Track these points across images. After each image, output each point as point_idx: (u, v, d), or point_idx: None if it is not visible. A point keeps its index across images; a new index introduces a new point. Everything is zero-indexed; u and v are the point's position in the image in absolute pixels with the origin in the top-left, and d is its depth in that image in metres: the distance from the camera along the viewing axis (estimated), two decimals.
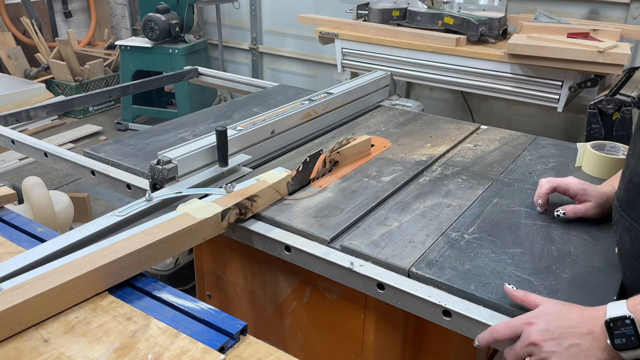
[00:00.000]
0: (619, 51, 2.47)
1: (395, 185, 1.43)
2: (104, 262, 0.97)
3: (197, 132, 1.78)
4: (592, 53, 2.46)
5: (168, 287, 1.02)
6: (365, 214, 1.29)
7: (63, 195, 2.23)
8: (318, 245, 1.18)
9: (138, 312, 0.94)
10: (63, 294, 0.92)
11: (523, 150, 1.67)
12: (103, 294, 0.98)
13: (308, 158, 1.39)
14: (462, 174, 1.50)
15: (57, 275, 0.93)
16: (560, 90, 2.72)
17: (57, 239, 1.12)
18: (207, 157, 1.45)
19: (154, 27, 4.37)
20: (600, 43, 2.54)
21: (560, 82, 2.70)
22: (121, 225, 1.21)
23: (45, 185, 2.00)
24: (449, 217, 1.28)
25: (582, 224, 1.25)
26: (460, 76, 2.96)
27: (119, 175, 1.51)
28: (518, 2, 3.48)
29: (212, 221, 1.17)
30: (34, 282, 0.91)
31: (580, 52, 2.48)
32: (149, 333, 0.89)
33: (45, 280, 0.91)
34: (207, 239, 1.18)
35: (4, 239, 1.15)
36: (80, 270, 0.94)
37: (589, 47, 2.48)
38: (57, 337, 0.87)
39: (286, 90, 2.26)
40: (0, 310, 0.84)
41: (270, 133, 1.62)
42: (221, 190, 1.27)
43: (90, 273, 0.95)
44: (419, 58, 3.04)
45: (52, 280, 0.91)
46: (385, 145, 1.68)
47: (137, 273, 1.03)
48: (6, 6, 5.15)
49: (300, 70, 4.82)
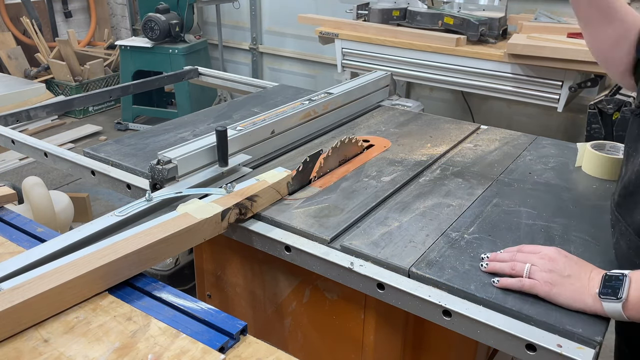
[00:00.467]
0: None
1: (395, 185, 1.42)
2: (104, 262, 0.97)
3: (197, 132, 1.78)
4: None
5: (168, 287, 1.02)
6: (365, 214, 1.29)
7: (63, 195, 2.23)
8: (318, 245, 1.18)
9: (138, 312, 0.94)
10: (63, 294, 0.92)
11: (523, 150, 1.67)
12: (103, 294, 0.98)
13: (308, 158, 1.39)
14: (462, 174, 1.50)
15: (56, 275, 0.93)
16: (560, 90, 2.72)
17: (56, 239, 1.11)
18: (207, 157, 1.45)
19: (154, 27, 4.37)
20: None
21: (560, 82, 2.71)
22: (121, 225, 1.21)
23: (45, 185, 2.00)
24: (449, 217, 1.28)
25: (582, 224, 1.25)
26: (461, 76, 2.96)
27: (119, 175, 1.51)
28: (518, 2, 3.48)
29: (212, 221, 1.17)
30: (33, 282, 0.91)
31: (580, 52, 2.48)
32: (149, 333, 0.89)
33: (45, 280, 0.91)
34: (207, 239, 1.18)
35: (4, 239, 1.15)
36: (80, 270, 0.94)
37: None
38: (57, 337, 0.87)
39: (286, 90, 2.26)
40: (0, 310, 0.84)
41: (270, 133, 1.62)
42: (221, 190, 1.27)
43: (90, 273, 0.95)
44: (419, 58, 3.04)
45: (52, 280, 0.91)
46: (385, 145, 1.68)
47: (137, 273, 1.03)
48: (6, 6, 5.15)
49: (300, 70, 4.82)
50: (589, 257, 1.11)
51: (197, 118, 1.94)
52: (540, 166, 1.56)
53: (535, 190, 1.42)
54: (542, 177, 1.50)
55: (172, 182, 1.37)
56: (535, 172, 1.52)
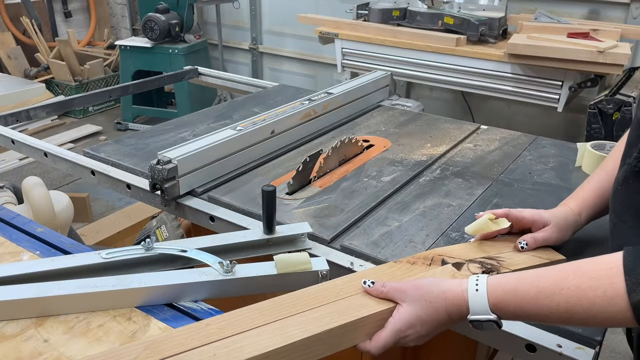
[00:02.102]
0: (619, 51, 2.47)
1: (395, 185, 1.42)
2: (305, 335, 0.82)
3: (197, 132, 1.78)
4: (592, 53, 2.46)
5: None
6: (365, 214, 1.29)
7: (63, 195, 2.22)
8: (318, 245, 1.18)
9: (138, 312, 0.94)
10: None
11: (523, 150, 1.67)
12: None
13: (308, 158, 1.39)
14: (462, 174, 1.50)
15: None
16: (561, 90, 2.72)
17: (26, 264, 1.02)
18: (207, 157, 1.44)
19: (154, 27, 4.37)
20: (600, 43, 2.54)
21: (561, 82, 2.70)
22: (105, 269, 1.04)
23: (45, 185, 2.00)
24: (449, 217, 1.28)
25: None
26: (461, 76, 2.96)
27: (119, 175, 1.51)
28: (518, 2, 3.47)
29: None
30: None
31: (581, 52, 2.48)
32: (149, 333, 0.89)
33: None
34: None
35: (4, 239, 1.15)
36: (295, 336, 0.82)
37: (589, 47, 2.48)
38: (57, 337, 0.87)
39: (286, 90, 2.26)
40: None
41: (270, 133, 1.62)
42: (216, 266, 1.01)
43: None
44: (419, 58, 3.04)
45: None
46: (385, 146, 1.68)
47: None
48: (6, 6, 5.15)
49: (300, 70, 4.81)
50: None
51: (197, 118, 1.94)
52: (540, 166, 1.56)
53: (535, 190, 1.42)
54: (542, 177, 1.50)
55: (172, 182, 1.36)
56: (535, 172, 1.52)
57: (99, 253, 1.04)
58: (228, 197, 1.38)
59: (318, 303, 0.88)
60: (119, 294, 0.94)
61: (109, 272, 1.03)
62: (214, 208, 1.35)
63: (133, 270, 1.05)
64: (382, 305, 0.88)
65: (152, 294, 0.96)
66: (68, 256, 1.06)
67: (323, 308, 0.87)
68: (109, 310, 0.94)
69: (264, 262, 1.04)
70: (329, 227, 1.22)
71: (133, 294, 0.95)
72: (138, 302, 0.95)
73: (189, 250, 1.05)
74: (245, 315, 0.85)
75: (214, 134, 1.50)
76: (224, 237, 1.14)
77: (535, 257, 1.04)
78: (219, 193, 1.40)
